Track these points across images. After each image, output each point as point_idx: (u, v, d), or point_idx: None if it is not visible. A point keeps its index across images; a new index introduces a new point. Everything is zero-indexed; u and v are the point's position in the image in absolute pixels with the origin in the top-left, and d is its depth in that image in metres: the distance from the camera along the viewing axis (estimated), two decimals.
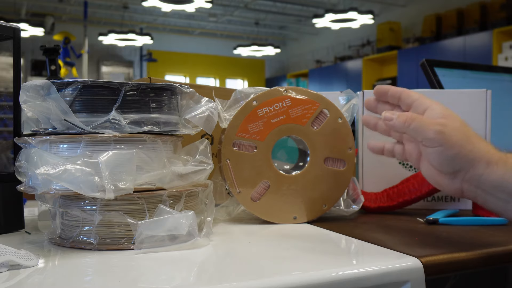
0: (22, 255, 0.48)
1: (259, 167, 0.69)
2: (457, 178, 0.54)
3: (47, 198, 0.58)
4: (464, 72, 1.07)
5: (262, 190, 0.69)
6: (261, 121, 0.69)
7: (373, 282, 0.47)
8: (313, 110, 0.70)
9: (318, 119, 0.70)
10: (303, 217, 0.70)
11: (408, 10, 7.40)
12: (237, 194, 0.69)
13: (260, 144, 0.69)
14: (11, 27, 0.66)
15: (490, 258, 0.55)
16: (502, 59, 5.32)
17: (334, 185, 0.70)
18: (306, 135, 0.70)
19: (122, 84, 0.56)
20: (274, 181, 0.69)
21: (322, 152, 0.70)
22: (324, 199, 0.70)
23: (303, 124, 0.70)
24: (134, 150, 0.54)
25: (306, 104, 0.70)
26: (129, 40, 7.66)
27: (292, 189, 0.69)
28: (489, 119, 0.81)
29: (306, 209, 0.70)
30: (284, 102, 0.69)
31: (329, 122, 0.70)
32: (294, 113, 0.70)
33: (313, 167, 0.70)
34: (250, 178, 0.69)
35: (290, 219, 0.69)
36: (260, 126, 0.69)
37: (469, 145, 0.52)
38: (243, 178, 0.69)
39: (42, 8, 8.05)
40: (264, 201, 0.69)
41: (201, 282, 0.45)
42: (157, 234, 0.54)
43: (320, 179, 0.70)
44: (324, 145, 0.70)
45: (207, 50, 10.08)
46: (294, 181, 0.70)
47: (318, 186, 0.70)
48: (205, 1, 5.56)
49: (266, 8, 8.21)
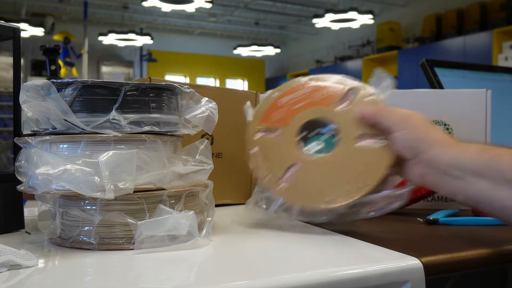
0: (22, 255, 0.48)
1: (286, 152, 0.66)
2: (418, 163, 0.59)
3: (47, 198, 0.58)
4: (464, 72, 1.07)
5: (290, 175, 0.65)
6: (282, 109, 0.68)
7: (373, 282, 0.47)
8: (338, 91, 0.67)
9: (344, 100, 0.67)
10: (338, 199, 0.63)
11: (408, 10, 7.40)
12: (266, 181, 0.66)
13: (284, 130, 0.67)
14: (11, 27, 0.66)
15: (490, 258, 0.55)
16: (502, 59, 5.33)
17: (372, 163, 0.64)
18: (333, 115, 0.66)
19: (122, 84, 0.56)
20: (303, 164, 0.65)
21: (353, 131, 0.65)
22: (361, 177, 0.63)
23: (329, 106, 0.67)
24: (134, 150, 0.54)
25: (329, 87, 0.68)
26: (129, 40, 7.66)
27: (323, 170, 0.64)
28: (489, 119, 0.81)
29: (340, 191, 0.63)
30: (306, 89, 0.68)
31: (357, 101, 0.66)
32: (317, 97, 0.67)
33: (345, 147, 0.65)
34: (277, 162, 0.66)
35: (323, 203, 0.63)
36: (282, 114, 0.68)
37: (428, 130, 0.59)
38: (270, 163, 0.66)
39: (42, 8, 8.05)
40: (293, 185, 0.65)
41: (201, 282, 0.45)
42: (157, 234, 0.54)
43: (354, 157, 0.64)
44: (354, 124, 0.65)
45: (207, 50, 10.08)
46: (325, 162, 0.65)
47: (353, 165, 0.64)
48: (205, 1, 5.56)
49: (266, 8, 8.21)
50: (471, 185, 0.54)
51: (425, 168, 0.58)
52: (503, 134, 0.97)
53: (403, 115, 0.61)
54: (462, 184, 0.55)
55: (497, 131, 0.85)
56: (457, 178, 0.55)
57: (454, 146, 0.57)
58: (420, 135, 0.59)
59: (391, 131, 0.61)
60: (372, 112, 0.63)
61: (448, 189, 0.57)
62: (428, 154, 0.58)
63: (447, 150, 0.57)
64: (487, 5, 5.75)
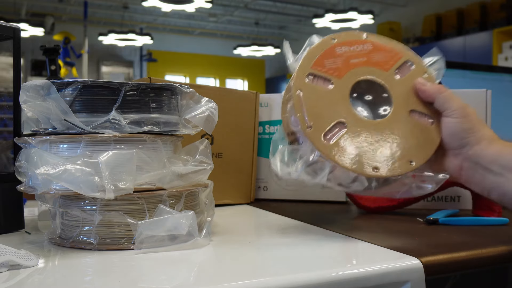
0: (22, 255, 0.48)
1: (335, 105, 0.60)
2: (460, 154, 0.59)
3: (47, 198, 0.58)
4: (464, 72, 1.07)
5: (338, 131, 0.59)
6: (339, 59, 0.63)
7: (373, 282, 0.47)
8: (396, 59, 0.64)
9: (401, 69, 0.64)
10: (386, 170, 0.58)
11: (408, 10, 7.40)
12: (308, 131, 0.58)
13: (337, 82, 0.61)
14: (11, 27, 0.66)
15: (490, 258, 0.55)
16: (502, 59, 5.32)
17: (421, 141, 0.61)
18: (388, 82, 0.63)
19: (122, 84, 0.56)
20: (352, 123, 0.60)
21: (407, 103, 0.62)
22: (411, 154, 0.60)
23: (386, 70, 0.63)
24: (134, 150, 0.54)
25: (389, 52, 0.65)
26: (129, 40, 7.66)
27: (372, 136, 0.60)
28: (489, 119, 0.81)
29: (389, 162, 0.59)
30: (365, 45, 0.65)
31: (414, 74, 0.64)
32: (375, 58, 0.64)
33: (398, 117, 0.61)
34: (324, 114, 0.59)
35: (369, 169, 0.58)
36: (338, 63, 0.62)
37: (481, 125, 0.59)
38: (316, 112, 0.59)
39: (42, 8, 8.05)
40: (339, 143, 0.58)
41: (201, 282, 0.45)
42: (157, 234, 0.54)
43: (405, 130, 0.61)
44: (408, 97, 0.63)
45: (207, 50, 10.07)
46: (375, 128, 0.60)
47: (403, 138, 0.60)
48: (205, 1, 5.56)
49: (266, 8, 8.20)
50: (510, 182, 0.55)
51: (466, 161, 0.59)
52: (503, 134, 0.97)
53: (462, 103, 0.60)
54: (501, 180, 0.56)
55: (497, 131, 0.85)
56: (497, 174, 0.56)
57: (500, 144, 0.58)
58: (473, 128, 0.59)
59: (446, 115, 0.60)
60: (433, 89, 0.61)
61: (484, 185, 0.58)
62: (475, 147, 0.58)
63: (492, 147, 0.57)
64: (487, 5, 5.75)
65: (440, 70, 0.66)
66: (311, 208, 0.86)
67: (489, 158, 0.57)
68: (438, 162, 0.61)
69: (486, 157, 0.57)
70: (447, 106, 0.60)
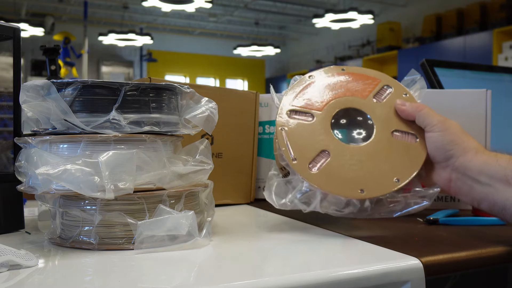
0: (22, 255, 0.48)
1: (318, 136, 0.63)
2: (447, 167, 0.60)
3: (47, 198, 0.58)
4: (464, 72, 1.07)
5: (322, 160, 0.62)
6: (318, 93, 0.66)
7: (373, 282, 0.47)
8: (374, 85, 0.67)
9: (380, 94, 0.67)
10: (371, 190, 0.60)
11: (408, 10, 7.40)
12: (293, 163, 0.61)
13: (318, 115, 0.65)
14: (11, 27, 0.66)
15: (490, 258, 0.55)
16: (502, 59, 5.32)
17: (406, 159, 0.63)
18: (368, 107, 0.66)
19: (122, 84, 0.56)
20: (335, 151, 0.62)
21: (388, 125, 0.65)
22: (395, 172, 0.62)
23: (364, 97, 0.66)
24: (134, 150, 0.54)
25: (366, 79, 0.68)
26: (129, 40, 7.66)
27: (356, 160, 0.62)
28: (489, 119, 0.81)
29: (374, 182, 0.61)
30: (343, 77, 0.68)
31: (393, 96, 0.66)
32: (353, 87, 0.67)
33: (380, 139, 0.64)
34: (307, 146, 0.63)
35: (355, 192, 0.60)
36: (318, 98, 0.66)
37: (463, 136, 0.60)
38: (299, 145, 0.62)
39: (42, 8, 8.05)
40: (324, 170, 0.61)
41: (201, 282, 0.45)
42: (157, 234, 0.54)
43: (389, 150, 0.63)
44: (390, 118, 0.65)
45: (207, 50, 10.08)
46: (359, 151, 0.63)
47: (387, 158, 0.63)
48: (205, 1, 5.56)
49: (266, 8, 8.20)
50: (498, 192, 0.55)
51: (453, 173, 0.60)
52: (503, 134, 0.97)
53: (442, 118, 0.62)
54: (489, 191, 0.56)
55: (497, 131, 0.85)
56: (485, 185, 0.56)
57: (485, 154, 0.58)
58: (455, 140, 0.60)
59: (427, 130, 0.62)
60: (412, 108, 0.63)
61: (474, 195, 0.58)
62: (460, 159, 0.59)
63: (478, 157, 0.58)
64: (487, 5, 5.75)
65: (421, 89, 0.68)
66: None
67: (476, 169, 0.57)
68: (428, 176, 0.63)
69: (473, 168, 0.58)
70: (427, 122, 0.62)
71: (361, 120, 0.67)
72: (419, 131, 0.64)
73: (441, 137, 0.60)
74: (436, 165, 0.62)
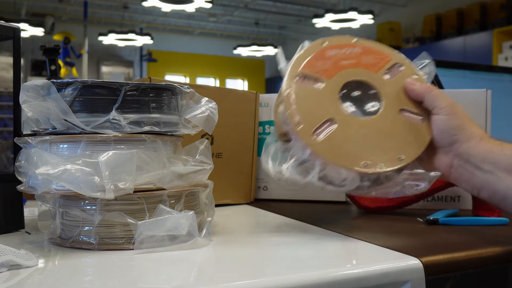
0: (22, 255, 0.48)
1: (325, 105, 0.62)
2: (450, 152, 0.60)
3: (47, 198, 0.58)
4: (464, 72, 1.07)
5: (327, 129, 0.60)
6: (329, 61, 0.65)
7: (373, 282, 0.47)
8: (386, 61, 0.66)
9: (391, 71, 0.66)
10: (374, 166, 0.59)
11: (408, 10, 7.40)
12: (298, 128, 0.59)
13: (327, 82, 0.63)
14: (11, 27, 0.66)
15: (490, 258, 0.55)
16: (502, 59, 5.33)
17: (411, 138, 0.62)
18: (378, 82, 0.65)
19: (122, 84, 0.56)
20: (341, 121, 0.61)
21: (396, 103, 0.64)
22: (400, 149, 0.61)
23: (375, 72, 0.65)
24: (134, 150, 0.54)
25: (379, 54, 0.67)
26: (129, 40, 7.66)
27: (362, 133, 0.61)
28: (489, 119, 0.81)
29: (378, 158, 0.60)
30: (355, 49, 0.67)
31: (403, 75, 0.65)
32: (365, 60, 0.66)
33: (387, 115, 0.63)
34: (314, 112, 0.61)
35: (358, 165, 0.58)
36: (329, 65, 0.65)
37: (470, 123, 0.60)
38: (305, 110, 0.61)
39: (42, 8, 8.05)
40: (329, 139, 0.59)
41: (201, 282, 0.45)
42: (157, 234, 0.54)
43: (395, 127, 0.62)
44: (398, 96, 0.64)
45: (207, 50, 10.07)
46: (365, 125, 0.62)
47: (393, 134, 0.62)
48: (205, 1, 5.56)
49: (266, 8, 8.20)
50: (500, 180, 0.55)
51: (456, 158, 0.59)
52: (503, 134, 0.97)
53: (451, 101, 0.61)
54: (491, 178, 0.56)
55: (497, 131, 0.85)
56: (488, 172, 0.56)
57: (490, 142, 0.57)
58: (462, 125, 0.59)
59: (435, 112, 0.61)
60: (422, 88, 0.62)
61: (474, 183, 0.58)
62: (465, 145, 0.58)
63: (483, 144, 0.57)
64: (487, 5, 5.75)
65: (430, 73, 0.67)
66: (311, 208, 0.86)
67: (479, 156, 0.57)
68: (429, 160, 0.62)
69: (477, 155, 0.57)
70: (435, 104, 0.61)
71: (369, 94, 0.66)
72: (426, 113, 0.63)
73: (448, 120, 0.60)
74: (439, 149, 0.61)
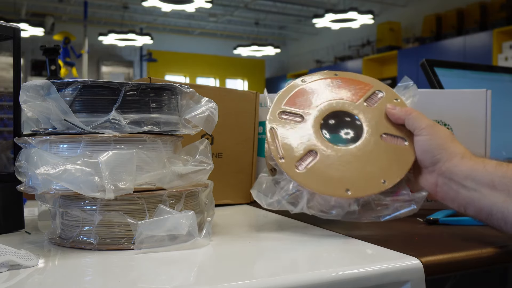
0: (22, 255, 0.48)
1: (306, 137, 0.64)
2: (434, 171, 0.60)
3: (47, 198, 0.58)
4: (464, 72, 1.07)
5: (309, 159, 0.63)
6: (310, 96, 0.68)
7: (373, 282, 0.47)
8: (366, 90, 0.68)
9: (371, 98, 0.68)
10: (358, 190, 0.61)
11: (408, 10, 7.40)
12: (280, 162, 0.62)
13: (308, 116, 0.66)
14: (11, 27, 0.66)
15: (490, 258, 0.55)
16: (502, 59, 5.32)
17: (394, 161, 0.63)
18: (359, 111, 0.67)
19: (122, 84, 0.56)
20: (323, 151, 0.63)
21: (378, 128, 0.65)
22: (382, 174, 0.62)
23: (355, 101, 0.67)
24: (134, 150, 0.54)
25: (359, 84, 0.69)
26: (129, 40, 7.66)
27: (344, 161, 0.62)
28: (489, 119, 0.81)
29: (361, 183, 0.61)
30: (335, 82, 0.69)
31: (384, 101, 0.67)
32: (345, 92, 0.68)
33: (369, 141, 0.64)
34: (295, 145, 0.63)
35: (341, 191, 0.60)
36: (310, 100, 0.67)
37: (451, 142, 0.61)
38: (287, 144, 0.63)
39: (42, 8, 8.05)
40: (311, 170, 0.62)
41: (201, 282, 0.45)
42: (157, 234, 0.54)
43: (377, 153, 0.64)
44: (380, 122, 0.66)
45: (207, 50, 10.08)
46: (347, 153, 0.63)
47: (375, 160, 0.63)
48: (205, 1, 5.56)
49: (266, 8, 8.20)
50: (484, 197, 0.55)
51: (440, 177, 0.60)
52: (503, 134, 0.97)
53: (431, 122, 0.62)
54: (475, 196, 0.56)
55: (497, 131, 0.85)
56: (471, 190, 0.56)
57: (472, 160, 0.58)
58: (443, 144, 0.60)
59: (416, 134, 0.62)
60: (402, 112, 0.64)
61: (460, 201, 0.58)
62: (447, 164, 0.59)
63: (464, 162, 0.58)
64: (487, 5, 5.75)
65: (413, 96, 0.69)
66: None
67: (462, 174, 0.57)
68: (416, 181, 0.63)
69: (459, 173, 0.57)
70: (416, 125, 0.62)
71: (351, 122, 0.67)
72: (408, 135, 0.65)
73: (429, 141, 0.61)
74: (423, 169, 0.62)
